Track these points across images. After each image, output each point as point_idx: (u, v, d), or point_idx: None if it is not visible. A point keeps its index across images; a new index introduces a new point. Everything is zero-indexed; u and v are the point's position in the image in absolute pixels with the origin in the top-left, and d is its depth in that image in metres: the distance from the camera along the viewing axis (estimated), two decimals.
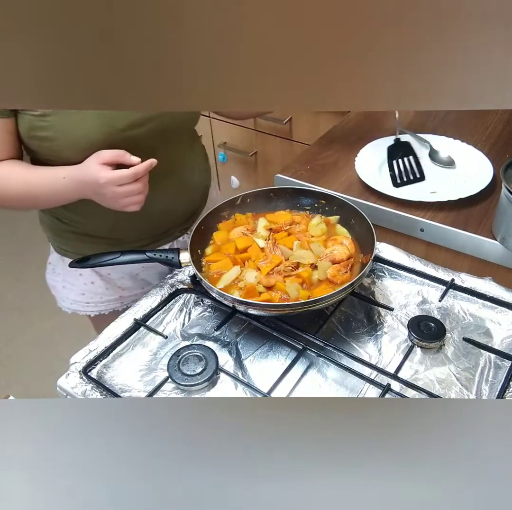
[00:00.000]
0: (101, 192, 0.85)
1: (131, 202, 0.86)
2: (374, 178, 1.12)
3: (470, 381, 0.78)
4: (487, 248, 0.97)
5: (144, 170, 0.83)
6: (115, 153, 0.84)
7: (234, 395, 0.78)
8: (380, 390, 0.77)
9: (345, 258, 0.90)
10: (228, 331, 0.89)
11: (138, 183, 0.84)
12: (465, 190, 1.05)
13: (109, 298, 1.13)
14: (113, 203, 0.86)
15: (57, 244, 1.10)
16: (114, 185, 0.83)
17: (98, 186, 0.84)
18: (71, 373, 0.81)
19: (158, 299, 0.94)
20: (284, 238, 0.95)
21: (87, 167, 0.85)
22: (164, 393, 0.80)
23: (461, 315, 0.88)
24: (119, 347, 0.86)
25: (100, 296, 1.13)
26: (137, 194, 0.85)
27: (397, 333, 0.86)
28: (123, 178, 0.82)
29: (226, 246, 0.95)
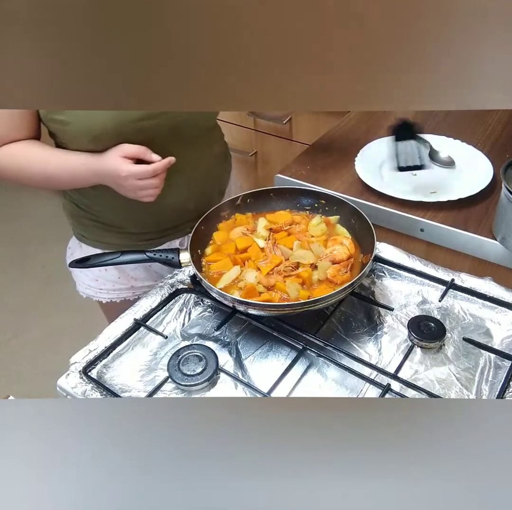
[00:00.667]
0: (122, 183, 0.90)
1: (147, 194, 0.92)
2: (374, 178, 1.12)
3: (470, 381, 0.78)
4: (487, 248, 0.97)
5: (163, 168, 0.89)
6: (137, 149, 0.89)
7: (234, 395, 0.78)
8: (380, 390, 0.77)
9: (345, 258, 0.90)
10: (228, 331, 0.89)
11: (156, 178, 0.90)
12: (465, 190, 1.05)
13: (120, 286, 1.16)
14: (131, 193, 0.92)
15: (76, 230, 1.14)
16: (134, 179, 0.89)
17: (119, 178, 0.89)
18: (71, 373, 0.81)
19: (158, 299, 0.94)
20: (284, 238, 0.95)
21: (109, 158, 0.90)
22: (164, 393, 0.80)
23: (461, 315, 0.88)
24: (119, 347, 0.86)
25: (112, 284, 1.15)
26: (153, 188, 0.91)
27: (397, 333, 0.86)
28: (143, 173, 0.88)
29: (226, 246, 0.95)
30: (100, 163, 0.91)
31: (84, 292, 1.19)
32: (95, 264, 0.95)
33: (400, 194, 1.06)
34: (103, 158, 0.90)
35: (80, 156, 0.93)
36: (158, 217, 1.07)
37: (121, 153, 0.89)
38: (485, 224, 0.99)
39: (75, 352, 0.85)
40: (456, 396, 0.76)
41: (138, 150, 0.89)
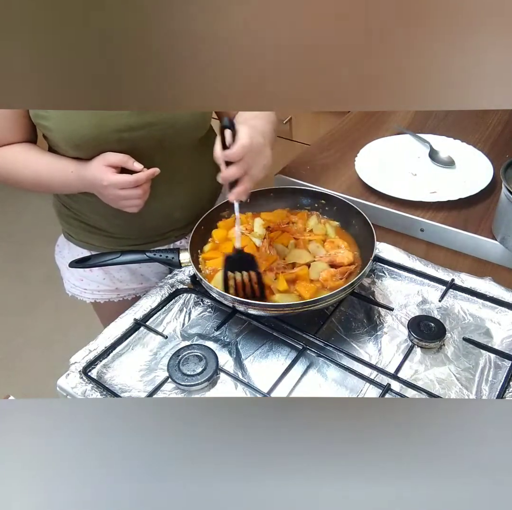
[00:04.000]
0: (103, 193, 0.89)
1: (130, 204, 0.90)
2: (374, 178, 1.12)
3: (470, 381, 0.78)
4: (487, 248, 0.97)
5: (145, 178, 0.88)
6: (119, 157, 0.88)
7: (234, 395, 0.78)
8: (380, 390, 0.77)
9: (346, 263, 0.89)
10: (228, 331, 0.89)
11: (139, 189, 0.88)
12: (465, 190, 1.05)
13: (105, 288, 1.15)
14: (113, 203, 0.91)
15: (63, 228, 1.14)
16: (116, 188, 0.87)
17: (101, 187, 0.88)
18: (71, 373, 0.81)
19: (158, 299, 0.94)
20: (280, 236, 0.95)
21: (93, 167, 0.89)
22: (164, 393, 0.80)
23: (461, 315, 0.88)
24: (119, 347, 0.86)
25: (97, 285, 1.15)
26: (136, 199, 0.89)
27: (397, 333, 0.86)
28: (124, 183, 0.86)
29: (224, 245, 0.95)
30: (85, 171, 0.90)
31: (70, 291, 1.19)
32: (95, 264, 0.95)
33: (400, 194, 1.06)
34: (88, 166, 0.90)
35: (70, 164, 0.93)
36: (142, 225, 1.06)
37: (104, 162, 0.88)
38: (485, 224, 0.99)
39: (75, 352, 0.85)
40: (456, 396, 0.76)
41: (121, 159, 0.88)
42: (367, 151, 1.20)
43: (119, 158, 0.88)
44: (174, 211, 1.06)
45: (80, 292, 1.16)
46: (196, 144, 1.04)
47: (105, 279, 1.14)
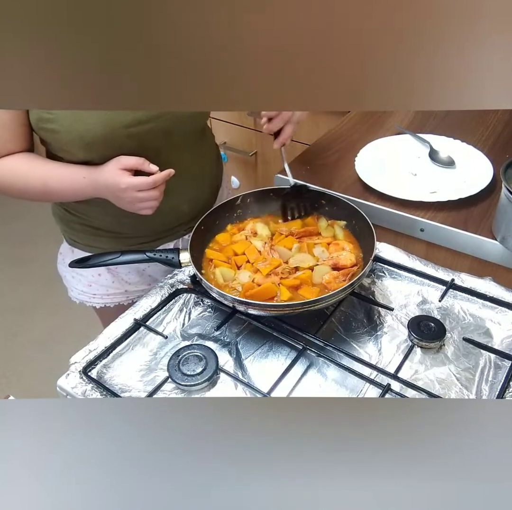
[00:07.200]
0: (121, 196, 0.89)
1: (146, 206, 0.91)
2: (374, 178, 1.12)
3: (470, 381, 0.78)
4: (487, 248, 0.97)
5: (162, 179, 0.89)
6: (135, 160, 0.89)
7: (234, 395, 0.78)
8: (380, 390, 0.77)
9: (349, 265, 0.89)
10: (228, 331, 0.89)
11: (156, 190, 0.89)
12: (465, 190, 1.05)
13: (114, 291, 1.15)
14: (130, 206, 0.91)
15: (67, 235, 1.13)
16: (134, 191, 0.88)
17: (118, 190, 0.88)
18: (71, 373, 0.81)
19: (158, 299, 0.94)
20: (283, 240, 0.95)
21: (108, 171, 0.89)
22: (164, 393, 0.80)
23: (461, 315, 0.88)
24: (119, 347, 0.86)
25: (106, 289, 1.14)
26: (153, 200, 0.90)
27: (397, 333, 0.86)
28: (143, 184, 0.88)
29: (227, 249, 0.96)
30: (99, 176, 0.90)
31: (77, 298, 1.17)
32: (95, 264, 0.95)
33: (400, 194, 1.06)
34: (102, 170, 0.90)
35: (81, 170, 0.92)
36: (152, 221, 1.06)
37: (119, 166, 0.88)
38: (485, 224, 0.99)
39: (75, 352, 0.85)
40: (456, 396, 0.76)
41: (136, 161, 0.88)
42: (367, 151, 1.20)
43: (135, 161, 0.88)
44: (181, 204, 1.07)
45: (89, 298, 1.15)
46: (196, 137, 1.06)
47: (114, 282, 1.13)
